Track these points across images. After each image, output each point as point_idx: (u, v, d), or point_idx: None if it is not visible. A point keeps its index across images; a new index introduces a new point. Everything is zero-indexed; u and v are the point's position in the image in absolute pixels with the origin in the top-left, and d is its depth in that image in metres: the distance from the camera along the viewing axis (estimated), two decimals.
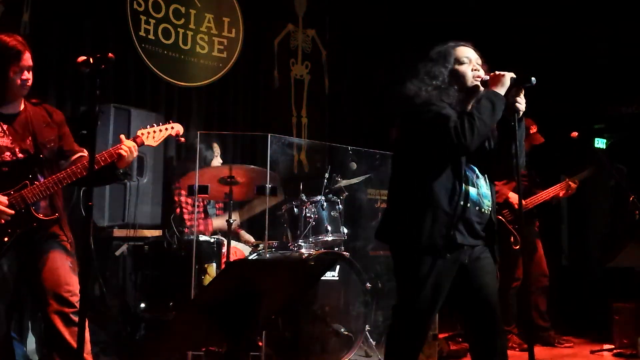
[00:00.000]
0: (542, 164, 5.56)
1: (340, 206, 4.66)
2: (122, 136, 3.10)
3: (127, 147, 3.03)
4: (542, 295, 5.30)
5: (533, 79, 2.64)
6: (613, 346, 5.05)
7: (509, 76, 2.66)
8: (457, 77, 2.69)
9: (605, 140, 6.94)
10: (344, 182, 4.83)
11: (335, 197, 4.68)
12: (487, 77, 2.71)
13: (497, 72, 2.69)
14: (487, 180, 2.78)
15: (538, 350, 5.05)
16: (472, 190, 2.68)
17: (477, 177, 2.73)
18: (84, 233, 2.43)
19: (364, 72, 6.91)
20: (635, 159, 6.17)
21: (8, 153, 2.97)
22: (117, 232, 4.57)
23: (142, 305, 4.36)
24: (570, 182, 5.25)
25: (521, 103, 2.69)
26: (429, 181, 2.63)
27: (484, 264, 2.72)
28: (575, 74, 6.52)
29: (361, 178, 4.97)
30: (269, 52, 6.31)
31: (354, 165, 4.99)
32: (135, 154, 3.09)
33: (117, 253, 4.64)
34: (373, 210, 5.50)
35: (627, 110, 6.68)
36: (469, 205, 2.65)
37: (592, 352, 5.11)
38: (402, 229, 2.69)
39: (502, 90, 2.64)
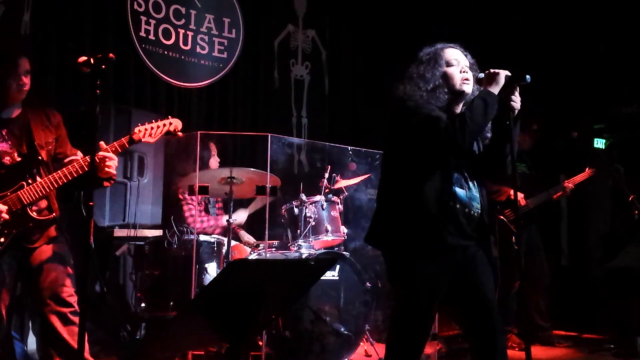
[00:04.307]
0: (542, 164, 5.56)
1: (340, 206, 4.66)
2: (102, 143, 3.03)
3: (103, 157, 2.98)
4: (542, 295, 5.30)
5: (528, 77, 2.62)
6: (613, 346, 5.06)
7: (503, 74, 2.63)
8: (447, 80, 2.68)
9: (605, 140, 6.93)
10: (343, 183, 4.82)
11: (335, 197, 4.68)
12: (482, 75, 2.70)
13: (491, 70, 2.66)
14: (477, 183, 2.77)
15: (538, 350, 5.06)
16: (461, 192, 2.67)
17: (466, 179, 2.72)
18: (84, 233, 2.43)
19: (364, 72, 6.91)
20: (635, 159, 6.17)
21: (7, 158, 2.99)
22: (118, 232, 4.57)
23: (142, 305, 4.36)
24: (567, 185, 5.26)
25: (516, 101, 2.66)
26: (418, 184, 2.62)
27: (479, 263, 2.71)
28: (575, 73, 6.52)
29: (360, 178, 4.96)
30: (269, 53, 6.31)
31: (354, 165, 4.99)
32: (116, 159, 3.02)
33: (117, 253, 4.64)
34: (373, 210, 5.48)
35: (627, 110, 6.68)
36: (458, 206, 2.64)
37: (592, 352, 5.11)
38: (392, 233, 2.68)
39: (496, 88, 2.62)
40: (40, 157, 3.03)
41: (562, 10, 6.38)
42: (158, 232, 4.74)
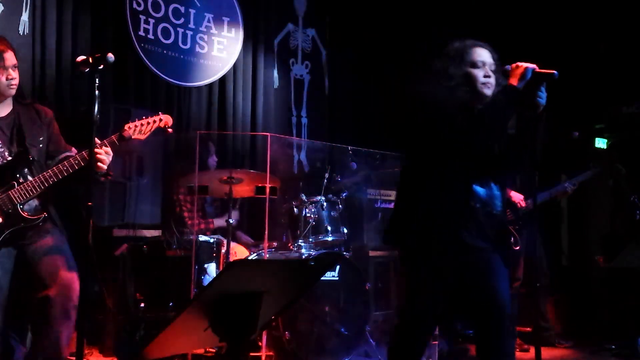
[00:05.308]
0: (542, 163, 5.55)
1: (340, 206, 4.65)
2: (96, 139, 3.02)
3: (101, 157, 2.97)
4: (543, 296, 5.29)
5: (555, 72, 2.56)
6: (613, 346, 5.05)
7: (530, 68, 2.56)
8: (469, 80, 2.64)
9: (605, 140, 6.93)
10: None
11: (335, 197, 4.67)
12: (508, 67, 2.62)
13: (518, 63, 2.59)
14: (498, 183, 2.73)
15: None
16: (482, 191, 2.64)
17: (487, 178, 2.68)
18: (84, 233, 2.42)
19: (364, 72, 6.91)
20: (635, 159, 6.16)
21: None
22: (117, 232, 4.57)
23: (142, 305, 4.35)
24: (568, 187, 5.25)
25: (542, 97, 2.60)
26: (438, 182, 2.60)
27: (493, 266, 2.66)
28: (575, 73, 6.51)
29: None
30: (269, 52, 6.31)
31: (354, 165, 4.99)
32: (110, 156, 3.00)
33: (117, 253, 4.63)
34: (373, 210, 5.49)
35: (627, 110, 6.67)
36: (478, 205, 2.61)
37: (592, 352, 5.10)
38: (410, 229, 2.66)
39: (521, 83, 2.55)
40: (31, 156, 3.01)
41: (562, 10, 6.37)
42: (157, 232, 4.73)
